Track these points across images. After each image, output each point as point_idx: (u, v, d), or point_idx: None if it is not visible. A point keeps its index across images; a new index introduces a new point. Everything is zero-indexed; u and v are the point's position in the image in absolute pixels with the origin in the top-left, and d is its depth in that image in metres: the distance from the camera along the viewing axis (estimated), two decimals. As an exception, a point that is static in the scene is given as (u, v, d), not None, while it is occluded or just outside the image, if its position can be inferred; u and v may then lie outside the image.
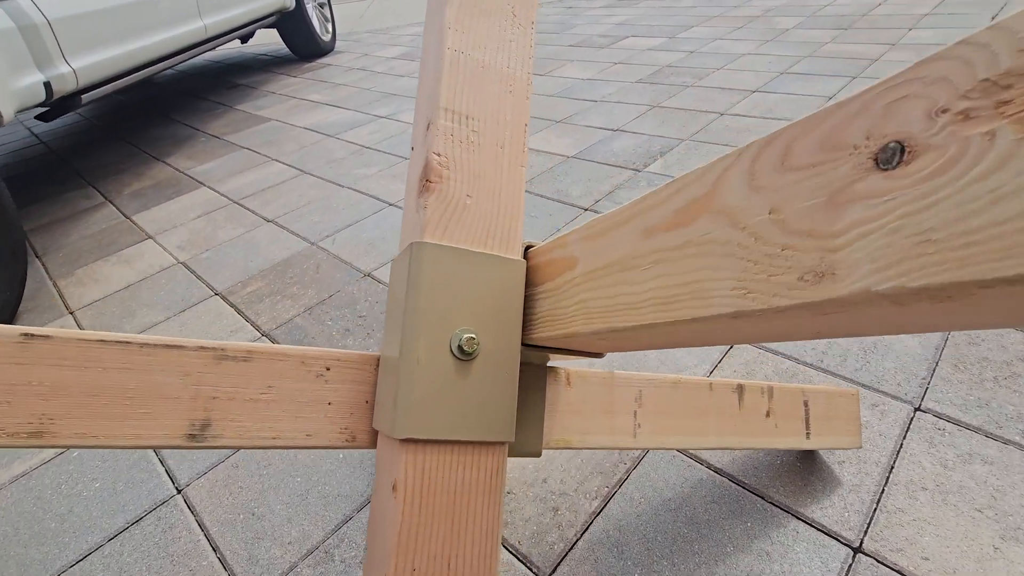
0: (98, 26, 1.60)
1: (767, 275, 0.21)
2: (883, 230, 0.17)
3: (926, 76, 0.17)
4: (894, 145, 0.17)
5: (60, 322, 1.22)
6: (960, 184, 0.15)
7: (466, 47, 0.39)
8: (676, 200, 0.26)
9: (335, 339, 1.05)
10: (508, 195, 0.39)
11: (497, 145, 0.39)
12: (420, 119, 0.41)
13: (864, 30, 2.44)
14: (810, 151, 0.20)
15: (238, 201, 1.69)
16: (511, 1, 0.42)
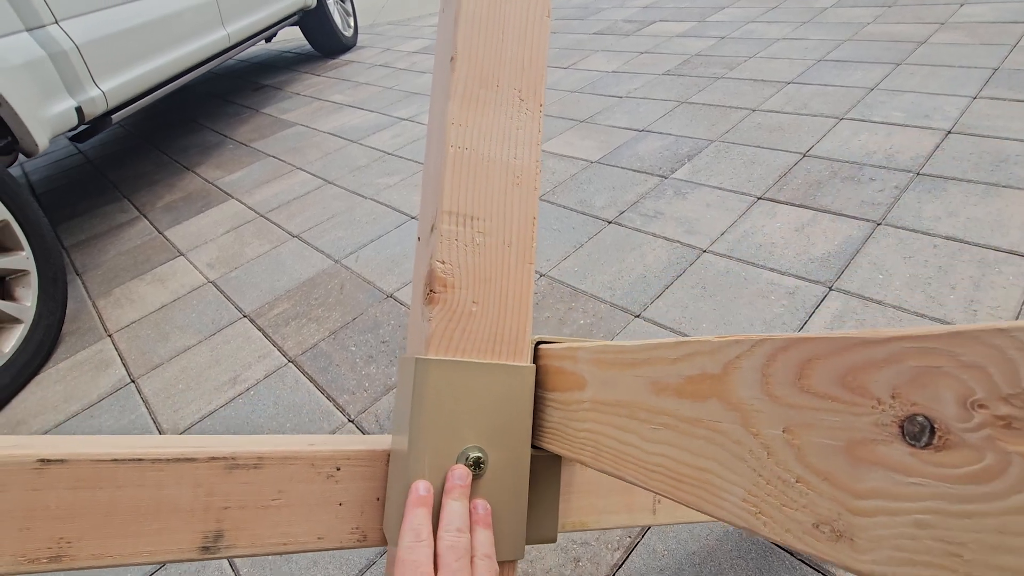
0: (125, 46, 1.62)
1: (780, 503, 0.19)
2: (910, 519, 0.15)
3: (961, 355, 0.14)
4: (923, 420, 0.15)
5: (99, 345, 1.27)
6: (1002, 506, 0.13)
7: (469, 142, 0.37)
8: (687, 366, 0.25)
9: (358, 367, 1.06)
10: (515, 297, 0.38)
11: (504, 244, 0.38)
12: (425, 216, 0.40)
13: (910, 6, 2.28)
14: (829, 380, 0.18)
15: (265, 215, 1.71)
16: (517, 84, 0.40)
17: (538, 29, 0.40)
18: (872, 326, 0.91)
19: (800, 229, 1.16)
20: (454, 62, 0.38)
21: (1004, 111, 1.41)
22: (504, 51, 0.39)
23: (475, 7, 0.38)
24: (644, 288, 1.10)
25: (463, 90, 0.38)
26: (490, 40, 0.39)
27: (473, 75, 0.38)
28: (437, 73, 0.42)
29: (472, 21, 0.38)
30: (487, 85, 0.38)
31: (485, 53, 0.38)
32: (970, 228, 1.06)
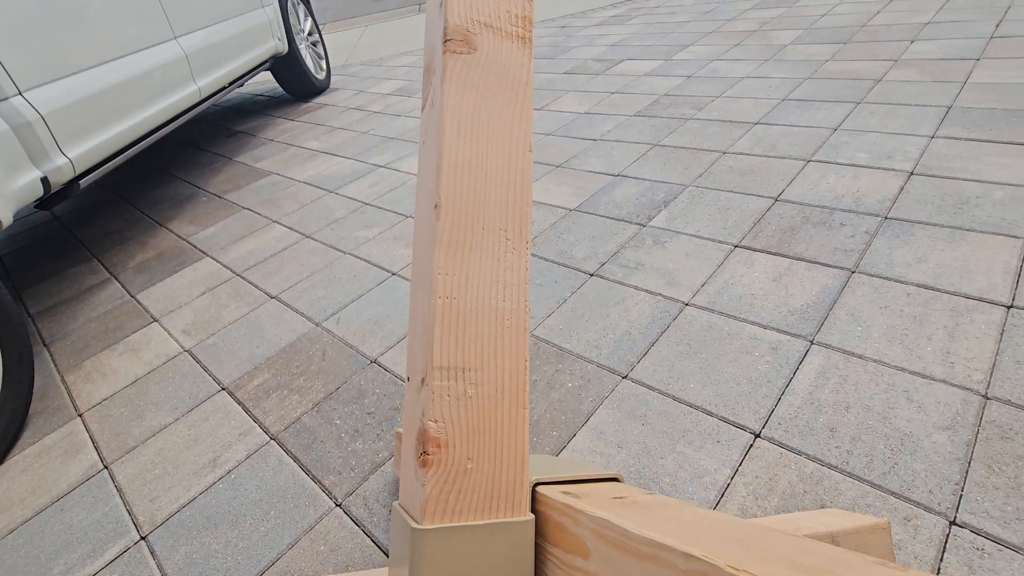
0: (92, 110, 1.60)
1: None
2: None
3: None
4: None
5: (69, 427, 1.22)
6: None
7: (457, 291, 0.37)
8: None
9: (344, 442, 1.04)
10: (511, 446, 0.37)
11: (497, 392, 0.37)
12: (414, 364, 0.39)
13: (864, 43, 2.39)
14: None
15: (241, 274, 1.68)
16: (503, 224, 0.40)
17: (520, 166, 0.40)
18: (855, 383, 0.92)
19: (778, 279, 1.19)
20: (439, 210, 0.38)
21: (961, 151, 1.47)
22: (488, 193, 0.39)
23: (457, 152, 0.38)
24: (630, 346, 1.10)
25: (448, 238, 0.37)
26: (474, 184, 0.38)
27: (458, 221, 0.38)
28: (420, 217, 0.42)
29: (454, 167, 0.38)
30: (472, 229, 0.38)
31: (469, 198, 0.38)
32: (940, 275, 1.09)
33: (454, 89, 0.39)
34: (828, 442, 0.84)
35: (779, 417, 0.90)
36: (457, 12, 0.40)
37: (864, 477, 0.79)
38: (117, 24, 1.79)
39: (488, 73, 0.40)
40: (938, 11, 2.54)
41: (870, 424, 0.85)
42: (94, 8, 1.70)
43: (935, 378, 0.90)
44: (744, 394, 0.95)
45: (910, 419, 0.85)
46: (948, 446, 0.80)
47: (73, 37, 1.59)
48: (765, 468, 0.83)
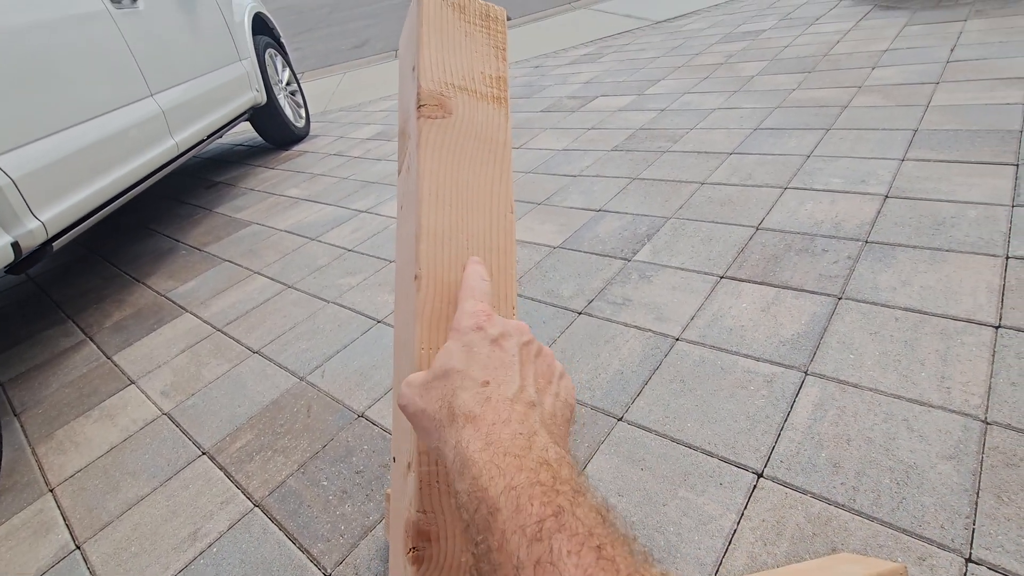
0: (66, 172, 1.58)
1: None
2: None
3: None
4: None
5: (39, 504, 1.15)
6: None
7: (442, 365, 0.35)
8: None
9: (332, 506, 0.99)
10: (507, 531, 0.34)
11: (488, 472, 0.34)
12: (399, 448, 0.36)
13: (828, 72, 2.47)
14: None
15: (222, 329, 1.64)
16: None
17: (503, 228, 0.39)
18: (853, 413, 0.91)
19: (766, 309, 1.18)
20: (419, 281, 0.36)
21: (931, 172, 1.50)
22: (470, 260, 0.37)
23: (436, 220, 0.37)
24: (623, 386, 1.08)
25: (431, 311, 0.36)
26: (455, 252, 0.37)
27: (440, 293, 0.36)
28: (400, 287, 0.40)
29: (434, 236, 0.36)
30: (455, 300, 0.36)
31: (451, 267, 0.37)
32: (926, 297, 1.10)
33: (430, 154, 0.38)
34: (833, 479, 0.82)
35: (781, 454, 0.87)
36: (430, 76, 0.40)
37: (873, 515, 0.76)
38: (91, 84, 1.79)
39: (465, 136, 0.39)
40: (894, 39, 2.65)
41: (873, 457, 0.83)
42: (68, 69, 1.70)
43: (933, 405, 0.89)
44: (743, 431, 0.93)
45: (913, 449, 0.83)
46: (954, 476, 0.78)
47: (46, 99, 1.58)
48: (771, 510, 0.80)
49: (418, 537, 0.32)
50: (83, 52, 1.78)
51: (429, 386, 0.32)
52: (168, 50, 2.24)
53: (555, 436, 0.30)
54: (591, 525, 0.23)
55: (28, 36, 1.58)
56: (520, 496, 0.24)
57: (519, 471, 0.26)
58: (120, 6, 1.99)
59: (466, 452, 0.28)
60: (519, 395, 0.31)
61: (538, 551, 0.22)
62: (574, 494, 0.25)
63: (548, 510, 0.24)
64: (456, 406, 0.30)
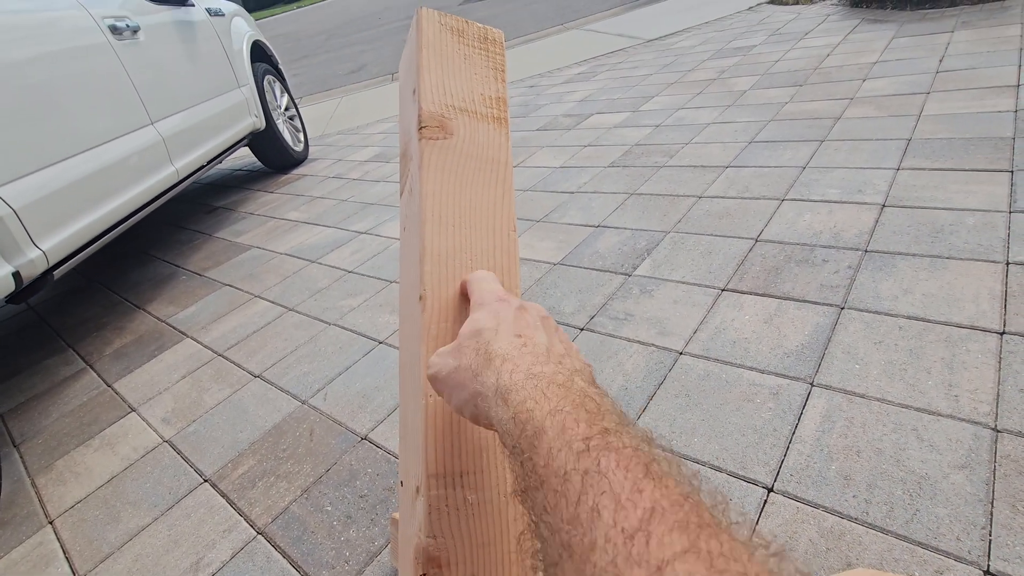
0: (66, 201, 1.59)
1: None
2: None
3: None
4: None
5: (39, 537, 1.13)
6: None
7: (448, 387, 0.34)
8: None
9: (336, 531, 0.97)
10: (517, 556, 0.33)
11: (500, 495, 0.34)
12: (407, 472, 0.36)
13: (820, 84, 2.50)
14: None
15: (223, 353, 1.63)
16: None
17: (506, 248, 0.39)
18: (862, 424, 0.90)
19: (769, 320, 1.18)
20: (423, 301, 0.36)
21: (927, 180, 1.51)
22: (474, 280, 0.37)
23: (439, 241, 0.37)
24: (628, 402, 1.07)
25: (436, 331, 0.35)
26: (459, 272, 0.37)
27: (444, 313, 0.36)
28: (405, 308, 0.40)
29: (437, 256, 0.36)
30: (460, 321, 0.36)
31: (455, 287, 0.37)
32: (928, 305, 1.09)
33: (432, 175, 0.38)
34: (844, 491, 0.81)
35: (790, 468, 0.86)
36: (431, 99, 0.40)
37: (887, 528, 0.75)
38: (92, 114, 1.81)
39: (466, 157, 0.40)
40: (883, 51, 2.70)
41: (884, 468, 0.82)
42: (69, 100, 1.72)
43: (942, 414, 0.88)
44: (751, 445, 0.92)
45: (924, 460, 0.82)
46: (967, 486, 0.77)
47: (47, 130, 1.60)
48: (783, 526, 0.79)
49: (428, 564, 0.31)
50: (84, 83, 1.80)
51: (461, 346, 0.32)
52: (168, 79, 2.27)
53: (591, 383, 0.30)
54: (637, 445, 0.23)
55: (31, 69, 1.60)
56: (566, 418, 0.24)
57: (563, 398, 0.26)
58: (121, 38, 2.02)
59: (509, 381, 0.28)
60: (550, 349, 0.31)
61: (585, 463, 0.22)
62: (619, 422, 0.25)
63: (594, 430, 0.24)
64: (493, 350, 0.30)
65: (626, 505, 0.20)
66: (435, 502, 0.33)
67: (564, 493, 0.22)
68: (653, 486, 0.21)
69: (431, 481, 0.33)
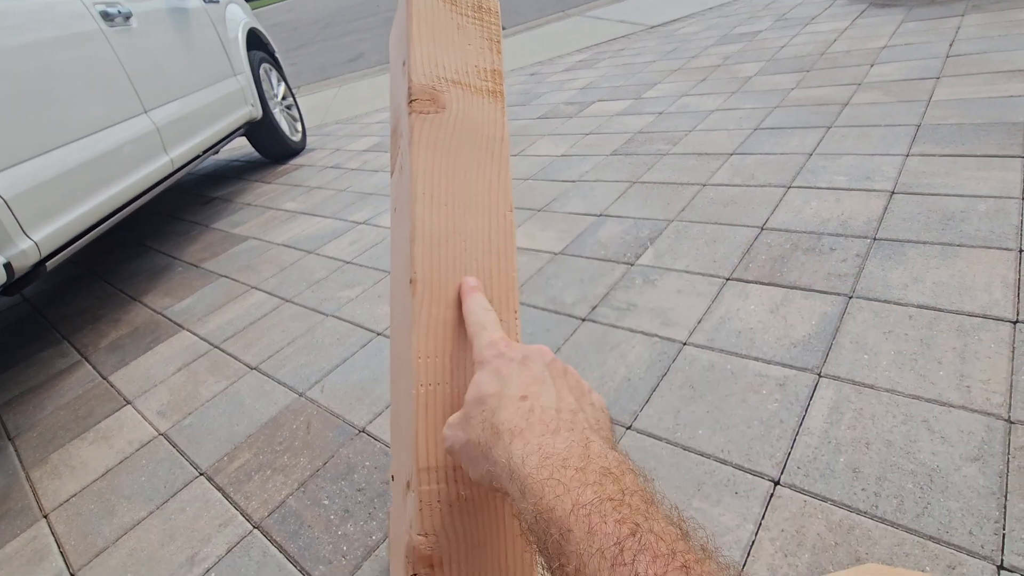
0: (59, 190, 1.56)
1: None
2: None
3: None
4: None
5: (33, 531, 1.12)
6: None
7: (440, 376, 0.32)
8: None
9: (334, 525, 0.95)
10: (517, 555, 0.31)
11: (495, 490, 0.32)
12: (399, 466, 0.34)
13: (826, 70, 2.46)
14: None
15: (219, 345, 1.61)
16: (487, 295, 0.35)
17: (502, 229, 0.36)
18: (871, 416, 0.87)
19: (775, 310, 1.15)
20: (414, 285, 0.33)
21: (937, 167, 1.48)
22: (469, 264, 0.35)
23: (431, 222, 0.34)
24: (631, 394, 1.05)
25: (427, 317, 0.33)
26: (452, 254, 0.34)
27: (437, 297, 0.33)
28: (396, 292, 0.38)
29: (429, 238, 0.34)
30: (453, 305, 0.34)
31: (448, 270, 0.34)
32: (939, 294, 1.07)
33: (423, 152, 0.36)
34: (853, 484, 0.79)
35: (797, 460, 0.84)
36: (421, 71, 0.37)
37: (897, 521, 0.73)
38: (84, 102, 1.77)
39: (459, 132, 0.37)
40: (891, 36, 2.64)
41: (894, 460, 0.80)
42: (61, 88, 1.68)
43: (953, 405, 0.85)
44: (757, 437, 0.89)
45: (935, 452, 0.80)
46: (980, 479, 0.75)
47: (38, 118, 1.57)
48: (790, 519, 0.77)
49: (419, 563, 0.29)
50: (76, 71, 1.77)
51: (468, 417, 0.31)
52: (161, 67, 2.24)
53: (606, 441, 0.28)
54: (671, 542, 0.22)
55: (21, 57, 1.57)
56: (591, 515, 0.23)
57: (584, 486, 0.24)
58: (112, 24, 1.98)
59: (523, 471, 0.26)
60: (560, 405, 0.29)
61: (621, 574, 0.21)
62: (646, 506, 0.24)
63: (624, 529, 0.22)
64: (499, 423, 0.29)
65: None
66: (426, 497, 0.30)
67: None
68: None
69: (422, 475, 0.30)
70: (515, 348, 0.32)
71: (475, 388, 0.31)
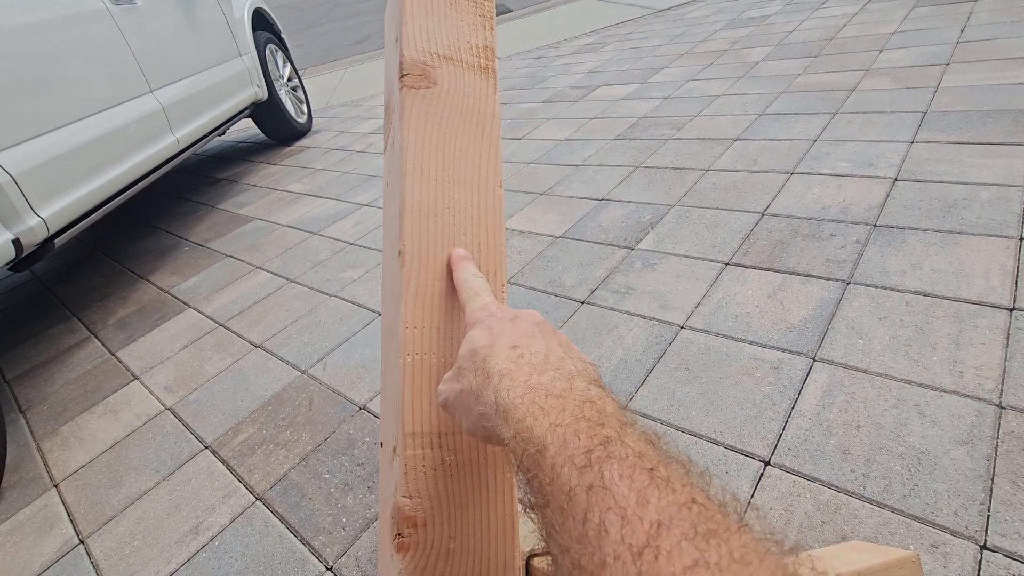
0: (66, 168, 1.57)
1: None
2: None
3: None
4: None
5: (44, 499, 1.15)
6: None
7: (427, 346, 0.33)
8: None
9: (334, 498, 0.98)
10: (499, 517, 0.33)
11: (479, 457, 0.33)
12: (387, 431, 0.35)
13: (834, 56, 2.43)
14: None
15: (224, 323, 1.63)
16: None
17: (491, 204, 0.37)
18: (863, 399, 0.89)
19: (772, 295, 1.16)
20: (403, 256, 0.34)
21: (942, 154, 1.47)
22: (457, 237, 0.36)
23: (420, 195, 0.35)
24: (627, 375, 1.06)
25: (415, 288, 0.34)
26: (441, 227, 0.35)
27: (425, 269, 0.35)
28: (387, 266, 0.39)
29: (418, 211, 0.35)
30: (441, 276, 0.35)
31: (436, 243, 0.35)
32: (936, 280, 1.07)
33: (414, 126, 0.37)
34: (842, 466, 0.80)
35: (788, 442, 0.86)
36: (413, 46, 0.38)
37: (884, 502, 0.74)
38: (91, 81, 1.78)
39: (450, 108, 0.38)
40: (902, 21, 2.60)
41: (884, 443, 0.81)
42: (67, 67, 1.69)
43: (945, 390, 0.86)
44: (750, 419, 0.91)
45: (924, 435, 0.81)
46: (968, 462, 0.76)
47: (45, 97, 1.58)
48: (779, 498, 0.78)
49: (404, 523, 0.31)
50: (83, 49, 1.77)
51: (460, 369, 0.32)
52: (167, 46, 2.23)
53: (593, 382, 0.29)
54: (641, 449, 0.23)
55: (28, 35, 1.57)
56: (566, 432, 0.24)
57: (562, 411, 0.25)
58: (119, 3, 1.98)
59: (507, 399, 0.27)
60: (548, 355, 0.30)
61: (589, 478, 0.22)
62: (621, 425, 0.25)
63: (595, 440, 0.23)
64: (490, 367, 0.30)
65: (632, 520, 0.19)
66: (412, 462, 0.32)
67: (570, 511, 0.21)
68: (659, 495, 0.20)
69: (408, 440, 0.32)
70: (506, 310, 0.33)
71: (467, 343, 0.32)
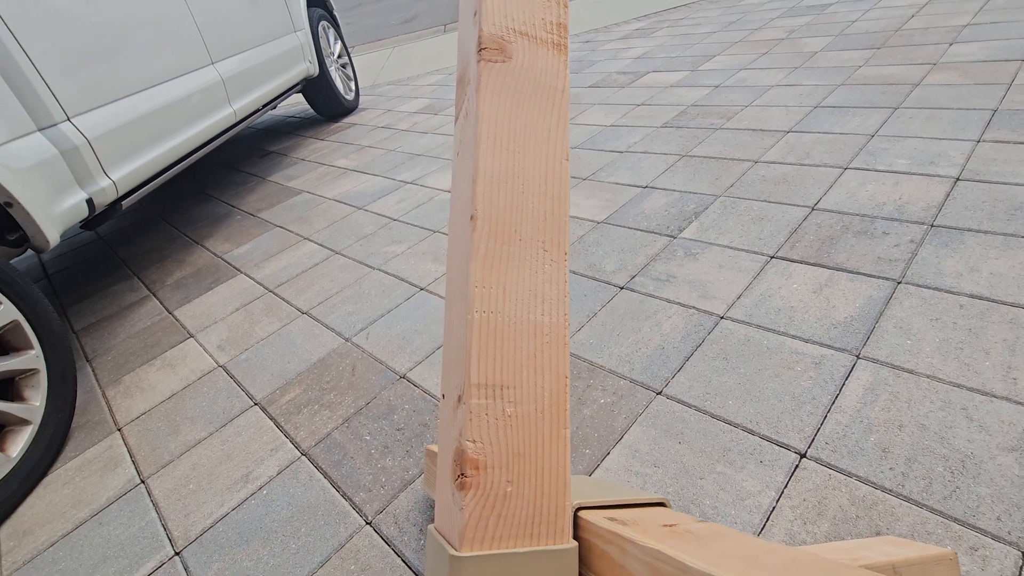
0: (135, 134, 1.66)
1: None
2: None
3: None
4: None
5: (108, 441, 1.25)
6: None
7: (494, 305, 0.36)
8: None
9: (374, 458, 1.03)
10: (552, 468, 0.35)
11: (537, 411, 0.35)
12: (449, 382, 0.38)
13: (900, 48, 2.32)
14: None
15: (273, 290, 1.71)
16: (540, 236, 0.38)
17: (558, 176, 0.39)
18: (907, 400, 0.87)
19: (818, 291, 1.14)
20: (475, 221, 0.36)
21: (1011, 155, 1.40)
22: (525, 204, 0.38)
23: (493, 163, 0.37)
24: (663, 361, 1.07)
25: (485, 250, 0.36)
26: (511, 195, 0.37)
27: (495, 233, 0.37)
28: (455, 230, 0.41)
29: (491, 178, 0.37)
30: (510, 241, 0.37)
31: (506, 209, 0.37)
32: (995, 285, 1.03)
33: (489, 98, 0.38)
34: (881, 463, 0.80)
35: (826, 436, 0.85)
36: (492, 21, 0.40)
37: (923, 502, 0.74)
38: (158, 52, 1.86)
39: (523, 81, 0.40)
40: (977, 13, 2.46)
41: (926, 444, 0.80)
42: (137, 38, 1.77)
43: (996, 395, 0.84)
44: (787, 411, 0.91)
45: (971, 439, 0.79)
46: (1016, 469, 0.74)
47: (117, 65, 1.67)
48: (813, 491, 0.79)
49: (467, 464, 0.33)
50: (151, 20, 1.85)
51: None
52: (228, 20, 2.31)
53: None
54: None
55: (102, 5, 1.66)
56: None
57: None
58: (185, -25, 2.05)
59: None
60: None
61: None
62: None
63: None
64: None
65: None
66: (476, 409, 0.34)
67: None
68: None
69: (473, 390, 0.34)
70: None
71: None
